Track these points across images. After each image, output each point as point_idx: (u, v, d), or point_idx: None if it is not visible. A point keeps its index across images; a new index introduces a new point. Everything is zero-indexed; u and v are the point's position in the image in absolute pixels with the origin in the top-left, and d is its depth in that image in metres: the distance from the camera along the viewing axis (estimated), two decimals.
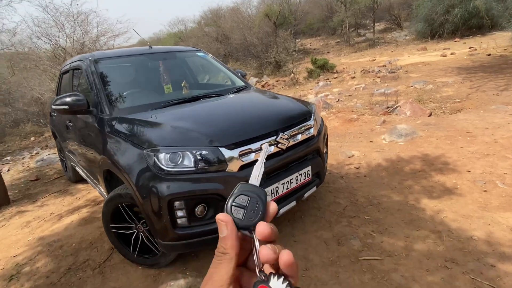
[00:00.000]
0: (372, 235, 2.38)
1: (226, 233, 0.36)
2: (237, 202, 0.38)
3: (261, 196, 0.38)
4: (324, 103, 6.68)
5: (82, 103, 2.51)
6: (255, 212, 0.37)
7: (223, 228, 0.36)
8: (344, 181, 3.28)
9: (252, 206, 0.37)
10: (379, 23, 22.87)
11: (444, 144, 3.79)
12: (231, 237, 0.36)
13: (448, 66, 9.26)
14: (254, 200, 0.38)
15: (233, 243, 0.35)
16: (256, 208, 0.37)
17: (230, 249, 0.35)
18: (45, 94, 10.97)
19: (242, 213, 0.37)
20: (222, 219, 0.37)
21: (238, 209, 0.37)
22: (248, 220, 0.37)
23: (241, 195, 0.38)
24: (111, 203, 2.23)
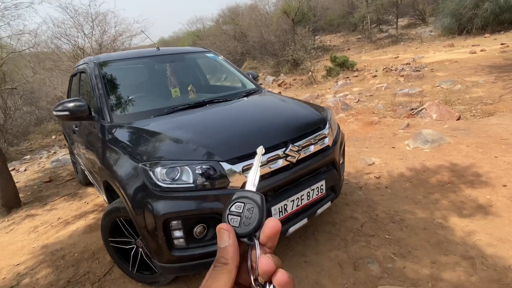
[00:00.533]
0: (393, 258, 2.12)
1: (228, 243, 0.34)
2: (233, 210, 0.37)
3: (257, 201, 0.37)
4: (343, 104, 6.37)
5: (83, 109, 2.39)
6: (251, 219, 0.36)
7: (225, 237, 0.35)
8: (363, 193, 3.02)
9: (247, 212, 0.36)
10: (402, 18, 21.97)
11: (476, 153, 3.44)
12: (232, 247, 0.34)
13: (478, 64, 8.64)
14: (249, 206, 0.37)
15: (235, 253, 0.34)
16: (252, 214, 0.36)
17: (231, 259, 0.34)
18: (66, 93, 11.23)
19: (238, 221, 0.36)
20: (225, 228, 0.36)
21: (234, 217, 0.37)
22: (245, 228, 0.36)
23: (236, 203, 0.37)
24: (109, 217, 2.10)
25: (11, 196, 3.77)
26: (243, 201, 0.37)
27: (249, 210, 0.36)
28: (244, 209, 0.36)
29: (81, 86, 3.16)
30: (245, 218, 0.36)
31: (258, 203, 0.37)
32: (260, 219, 0.36)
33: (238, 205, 0.37)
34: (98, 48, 9.30)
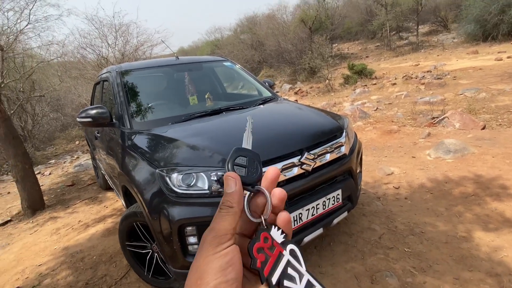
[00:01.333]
0: (413, 273, 2.04)
1: (234, 189, 0.37)
2: (237, 162, 0.40)
3: (256, 158, 0.41)
4: (361, 112, 6.27)
5: (105, 116, 2.48)
6: (255, 170, 0.39)
7: (232, 184, 0.37)
8: (381, 203, 2.94)
9: (251, 165, 0.39)
10: (423, 25, 21.55)
11: (502, 164, 3.28)
12: (238, 193, 0.37)
13: (504, 71, 8.32)
14: (252, 160, 0.40)
15: (240, 198, 0.36)
16: (255, 167, 0.40)
17: (237, 203, 0.36)
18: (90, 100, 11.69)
19: (244, 171, 0.39)
20: (232, 175, 0.38)
21: (240, 168, 0.39)
22: (250, 177, 0.39)
23: (240, 157, 0.40)
24: (126, 221, 2.14)
25: (36, 199, 3.92)
26: (245, 155, 0.40)
27: (252, 163, 0.40)
28: (248, 161, 0.40)
29: (104, 94, 3.28)
30: (250, 169, 0.39)
31: (258, 158, 0.41)
32: (261, 171, 0.40)
33: (242, 158, 0.40)
34: (120, 57, 9.64)
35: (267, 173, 0.40)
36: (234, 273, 0.32)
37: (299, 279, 0.35)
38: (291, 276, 0.35)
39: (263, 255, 0.35)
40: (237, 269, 0.33)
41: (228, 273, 0.32)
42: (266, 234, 0.36)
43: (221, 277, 0.31)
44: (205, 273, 0.32)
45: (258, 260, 0.35)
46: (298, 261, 0.36)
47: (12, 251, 3.14)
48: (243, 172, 0.39)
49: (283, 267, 0.35)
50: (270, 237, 0.36)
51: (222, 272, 0.32)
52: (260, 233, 0.36)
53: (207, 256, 0.33)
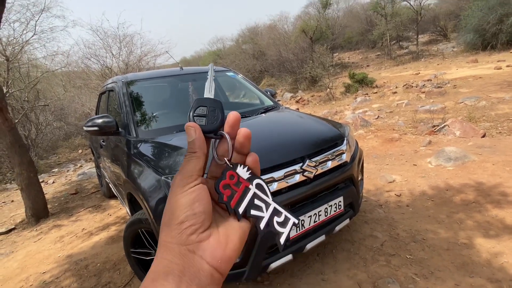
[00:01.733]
0: (415, 279, 2.05)
1: (194, 136, 0.39)
2: (198, 113, 0.41)
3: (218, 105, 0.42)
4: (362, 121, 6.32)
5: (112, 125, 2.53)
6: (215, 118, 0.41)
7: (192, 132, 0.39)
8: (383, 211, 2.97)
9: (211, 114, 0.41)
10: (423, 35, 21.80)
11: (502, 171, 3.31)
12: (198, 139, 0.38)
13: (503, 80, 8.39)
14: (212, 109, 0.41)
15: (201, 143, 0.38)
16: (215, 115, 0.41)
17: (199, 148, 0.38)
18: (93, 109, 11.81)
19: (204, 120, 0.40)
20: (191, 125, 0.40)
21: (199, 118, 0.40)
22: (211, 125, 0.40)
23: (200, 107, 0.41)
24: (131, 228, 2.18)
25: (40, 207, 3.96)
26: (206, 104, 0.41)
27: (212, 112, 0.41)
28: (208, 111, 0.41)
29: (109, 103, 3.35)
30: (210, 117, 0.40)
31: (219, 106, 0.41)
32: (222, 118, 0.41)
33: (202, 108, 0.41)
34: (124, 67, 9.79)
35: (228, 118, 0.41)
36: (201, 207, 0.36)
37: (265, 208, 0.39)
38: (257, 205, 0.39)
39: (229, 191, 0.38)
40: (205, 204, 0.36)
41: (196, 208, 0.35)
42: (232, 172, 0.38)
43: (189, 211, 0.35)
44: (175, 209, 0.35)
45: (224, 195, 0.38)
46: (265, 193, 0.39)
47: (16, 259, 3.17)
48: (203, 122, 0.40)
49: (249, 199, 0.39)
50: (236, 174, 0.39)
51: (190, 206, 0.35)
52: (226, 172, 0.39)
53: (176, 195, 0.36)
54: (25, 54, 8.18)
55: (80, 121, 13.72)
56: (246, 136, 0.40)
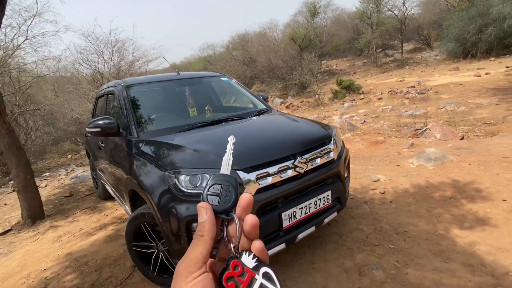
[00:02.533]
0: (397, 266, 2.25)
1: (205, 218, 0.39)
2: (211, 191, 0.41)
3: (232, 183, 0.42)
4: (349, 125, 6.59)
5: (113, 126, 2.67)
6: (229, 198, 0.41)
7: (203, 213, 0.39)
8: (368, 207, 3.18)
9: (225, 193, 0.41)
10: (407, 43, 22.57)
11: (477, 170, 3.58)
12: (209, 222, 0.39)
13: (482, 86, 8.86)
14: (226, 187, 0.41)
15: (210, 227, 0.38)
16: (229, 194, 0.41)
17: (207, 232, 0.38)
18: (83, 114, 11.77)
19: (216, 200, 0.41)
20: (203, 205, 0.40)
21: (213, 197, 0.41)
22: (223, 205, 0.40)
23: (214, 185, 0.42)
24: (134, 222, 2.31)
25: (36, 208, 4.02)
26: (220, 182, 0.42)
27: (226, 191, 0.41)
28: (222, 189, 0.41)
29: (108, 106, 3.48)
30: (223, 197, 0.41)
31: (233, 184, 0.42)
32: (235, 197, 0.41)
33: (216, 186, 0.42)
34: (116, 72, 9.87)
35: (240, 200, 0.41)
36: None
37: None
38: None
39: (233, 283, 0.36)
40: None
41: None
42: (237, 262, 0.37)
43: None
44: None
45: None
46: (272, 283, 0.37)
47: (15, 258, 3.23)
48: (215, 201, 0.40)
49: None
50: (241, 264, 0.37)
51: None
52: (230, 261, 0.38)
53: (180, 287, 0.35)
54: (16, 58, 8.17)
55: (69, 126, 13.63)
56: (253, 225, 0.39)
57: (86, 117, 11.79)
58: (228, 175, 0.43)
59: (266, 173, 1.97)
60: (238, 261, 0.38)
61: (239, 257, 0.38)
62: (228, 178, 0.43)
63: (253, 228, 0.39)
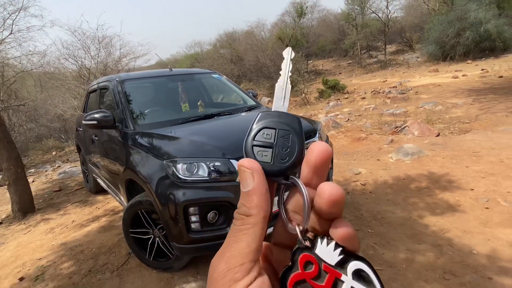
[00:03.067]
0: (375, 247, 2.48)
1: (252, 186, 0.26)
2: (261, 140, 0.28)
3: (294, 125, 0.28)
4: (334, 123, 6.86)
5: (109, 119, 2.78)
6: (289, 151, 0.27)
7: (249, 178, 0.26)
8: (350, 197, 3.41)
9: (282, 142, 0.28)
10: (390, 45, 23.23)
11: (450, 163, 3.88)
12: (258, 191, 0.25)
13: (458, 87, 9.34)
14: (285, 133, 0.28)
15: (262, 200, 0.25)
16: (290, 144, 0.28)
17: (257, 208, 0.25)
18: (67, 111, 11.61)
19: (269, 154, 0.27)
20: (247, 165, 0.26)
21: (263, 149, 0.28)
22: (281, 163, 0.27)
23: (265, 129, 0.28)
24: (131, 210, 2.44)
25: (27, 202, 4.05)
26: (274, 126, 0.28)
27: (284, 138, 0.28)
28: (277, 137, 0.28)
29: (102, 100, 3.56)
30: (280, 149, 0.27)
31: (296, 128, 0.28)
32: (300, 149, 0.28)
33: (268, 132, 0.28)
34: (103, 68, 9.80)
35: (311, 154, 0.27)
36: None
37: None
38: None
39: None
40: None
41: None
42: (308, 256, 0.25)
43: None
44: None
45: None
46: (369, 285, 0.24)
47: (8, 249, 3.28)
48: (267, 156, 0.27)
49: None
50: (316, 258, 0.25)
51: None
52: (297, 255, 0.25)
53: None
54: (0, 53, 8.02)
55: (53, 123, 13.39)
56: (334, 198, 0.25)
57: (70, 113, 11.63)
58: (286, 113, 0.29)
59: None
60: (310, 254, 0.25)
61: (312, 248, 0.25)
62: (287, 118, 0.29)
63: (334, 203, 0.25)
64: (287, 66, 0.33)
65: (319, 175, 0.27)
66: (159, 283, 2.36)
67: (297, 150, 0.28)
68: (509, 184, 3.17)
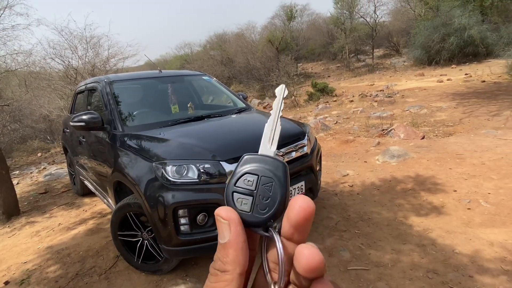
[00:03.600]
0: (361, 247, 2.54)
1: (228, 238, 0.24)
2: (242, 186, 0.26)
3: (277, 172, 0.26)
4: (322, 125, 6.94)
5: (97, 121, 2.76)
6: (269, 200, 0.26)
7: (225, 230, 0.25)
8: (338, 198, 3.47)
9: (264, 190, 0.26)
10: (378, 49, 23.68)
11: (434, 165, 3.99)
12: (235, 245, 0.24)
13: (443, 91, 9.60)
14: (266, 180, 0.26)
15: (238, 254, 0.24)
16: (271, 193, 0.26)
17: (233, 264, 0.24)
18: (53, 112, 11.38)
19: (249, 203, 0.26)
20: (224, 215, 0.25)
21: (243, 197, 0.26)
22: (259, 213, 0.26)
23: (247, 174, 0.27)
24: (119, 212, 2.42)
25: (11, 204, 3.96)
26: (257, 172, 0.27)
27: (266, 187, 0.26)
28: (259, 184, 0.26)
29: (90, 101, 3.52)
30: (260, 198, 0.26)
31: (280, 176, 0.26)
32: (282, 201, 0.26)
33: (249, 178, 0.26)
34: (91, 69, 9.66)
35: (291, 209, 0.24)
36: None
37: None
38: None
39: None
40: None
41: None
42: None
43: None
44: None
45: None
46: None
47: None
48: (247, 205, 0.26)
49: None
50: None
51: None
52: None
53: None
54: None
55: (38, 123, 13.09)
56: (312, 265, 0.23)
57: (56, 114, 11.40)
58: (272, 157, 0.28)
59: None
60: None
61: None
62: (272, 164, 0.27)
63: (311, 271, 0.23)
64: (278, 104, 0.32)
65: (300, 231, 0.25)
66: (148, 286, 2.35)
67: (278, 201, 0.26)
68: (490, 186, 3.29)
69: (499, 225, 2.65)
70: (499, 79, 10.31)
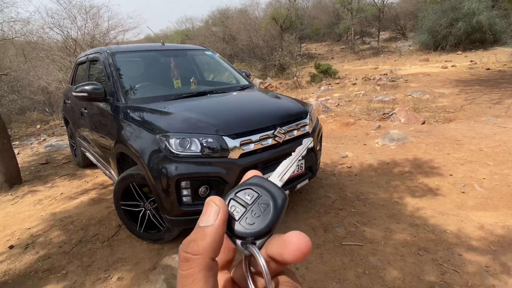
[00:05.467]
0: (356, 225, 2.62)
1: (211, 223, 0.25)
2: (240, 197, 0.28)
3: (277, 199, 0.28)
4: (324, 107, 6.93)
5: (100, 92, 2.76)
6: (259, 218, 0.27)
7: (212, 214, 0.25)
8: (336, 178, 3.53)
9: (258, 207, 0.27)
10: (384, 32, 23.18)
11: (432, 150, 4.04)
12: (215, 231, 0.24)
13: (447, 78, 9.52)
14: (264, 201, 0.28)
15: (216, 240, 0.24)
16: (263, 212, 0.27)
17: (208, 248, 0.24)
18: (52, 83, 11.25)
19: (240, 212, 0.27)
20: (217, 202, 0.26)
21: (237, 205, 0.28)
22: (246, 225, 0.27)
23: (249, 189, 0.29)
24: (123, 183, 2.47)
25: (13, 173, 4.01)
26: (259, 191, 0.28)
27: (261, 206, 0.27)
28: (256, 201, 0.28)
29: (91, 72, 3.49)
30: (252, 213, 0.27)
31: (278, 203, 0.28)
32: (270, 225, 0.27)
33: (250, 193, 0.28)
34: (90, 40, 9.47)
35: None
36: None
37: None
38: None
39: None
40: None
41: None
42: None
43: None
44: None
45: None
46: None
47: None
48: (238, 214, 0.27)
49: None
50: None
51: None
52: None
53: None
54: None
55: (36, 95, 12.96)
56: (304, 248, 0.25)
57: (55, 86, 11.28)
58: (276, 186, 0.30)
59: (249, 140, 2.20)
60: None
61: None
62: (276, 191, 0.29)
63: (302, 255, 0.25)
64: (301, 150, 0.35)
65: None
66: (150, 253, 2.44)
67: (267, 223, 0.27)
68: (485, 171, 3.35)
69: (491, 208, 2.73)
70: (504, 67, 10.20)
